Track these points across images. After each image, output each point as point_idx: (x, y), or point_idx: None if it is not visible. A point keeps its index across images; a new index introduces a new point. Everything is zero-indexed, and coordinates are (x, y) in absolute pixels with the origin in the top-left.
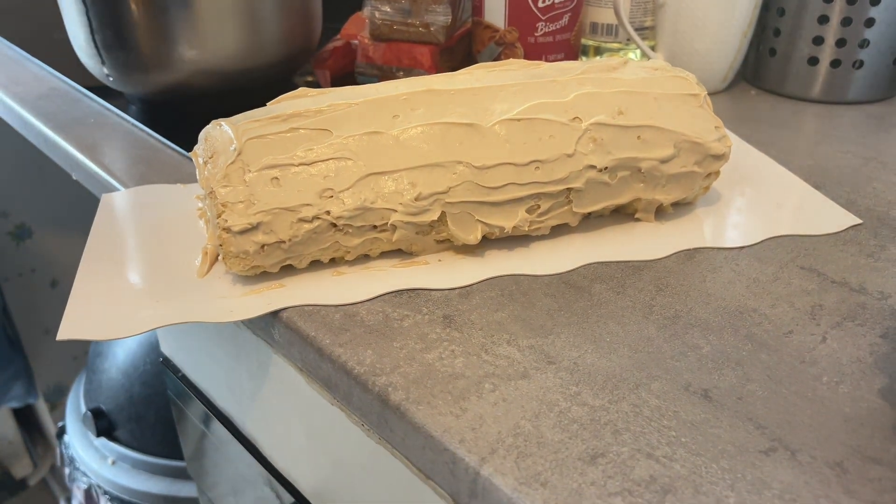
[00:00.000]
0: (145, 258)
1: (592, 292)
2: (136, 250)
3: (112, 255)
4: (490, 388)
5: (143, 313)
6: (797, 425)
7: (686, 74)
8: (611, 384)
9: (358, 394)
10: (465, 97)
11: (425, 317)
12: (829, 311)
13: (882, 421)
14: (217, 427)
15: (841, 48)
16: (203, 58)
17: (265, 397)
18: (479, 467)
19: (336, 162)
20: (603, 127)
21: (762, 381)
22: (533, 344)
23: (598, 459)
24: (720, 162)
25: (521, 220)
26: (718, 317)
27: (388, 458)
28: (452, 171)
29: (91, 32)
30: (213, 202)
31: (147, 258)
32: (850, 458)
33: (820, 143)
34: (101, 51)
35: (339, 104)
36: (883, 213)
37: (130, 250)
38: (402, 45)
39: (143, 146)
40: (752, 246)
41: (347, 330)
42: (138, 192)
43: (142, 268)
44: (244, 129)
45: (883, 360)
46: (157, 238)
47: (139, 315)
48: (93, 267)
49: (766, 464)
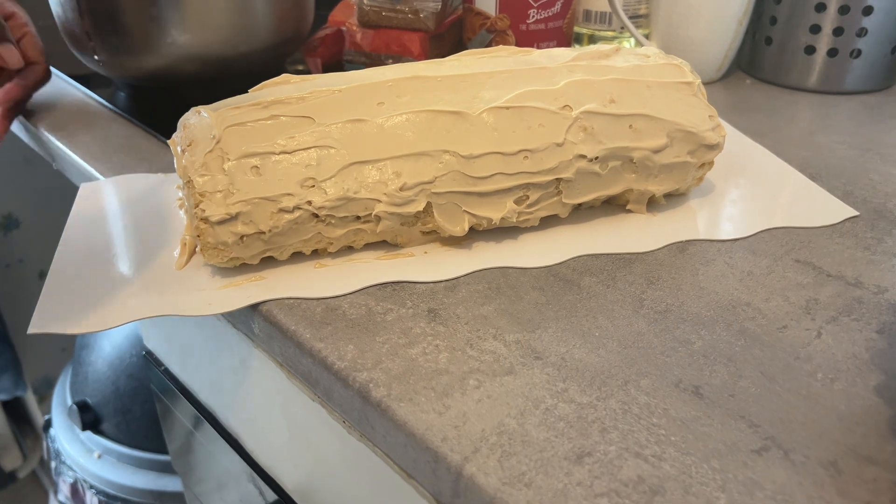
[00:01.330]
0: (123, 250)
1: (582, 285)
2: (114, 242)
3: (88, 247)
4: (475, 384)
5: (118, 306)
6: (790, 423)
7: (680, 62)
8: (599, 380)
9: (338, 390)
10: (453, 84)
11: (409, 310)
12: (824, 305)
13: (877, 419)
14: (200, 423)
15: (838, 37)
16: (194, 42)
17: (247, 392)
18: (461, 466)
19: (318, 150)
20: (594, 115)
21: (755, 378)
22: (520, 339)
23: (585, 459)
24: (714, 152)
25: (510, 211)
26: (711, 311)
27: (370, 456)
28: (439, 160)
29: (80, 17)
30: (190, 192)
31: (124, 250)
32: (844, 458)
33: (816, 133)
34: (90, 36)
35: (322, 91)
36: (880, 205)
37: (107, 242)
38: (390, 32)
39: (125, 135)
40: (747, 238)
41: (329, 324)
42: (118, 182)
43: (118, 260)
44: (223, 116)
45: (879, 356)
46: (136, 229)
47: (114, 308)
48: (68, 258)
49: (758, 463)
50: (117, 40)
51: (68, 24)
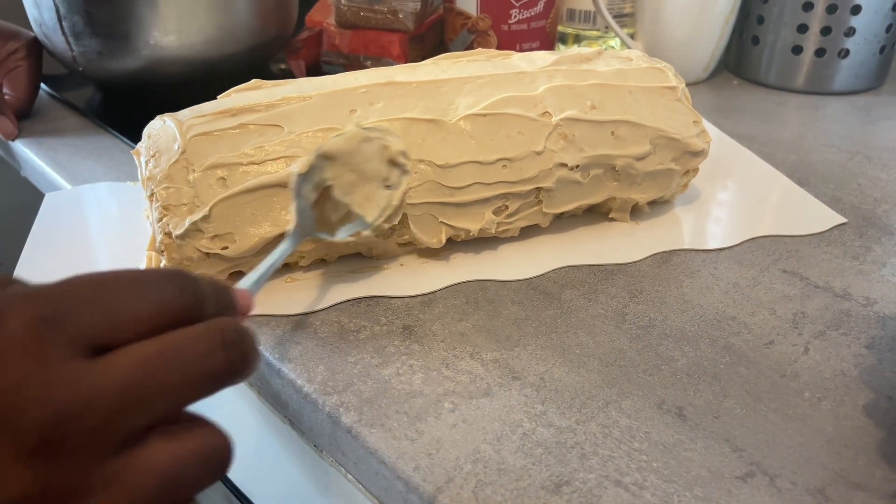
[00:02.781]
0: (87, 261)
1: (563, 299)
2: (78, 253)
3: (52, 259)
4: (450, 407)
5: None
6: (777, 447)
7: (663, 65)
8: (579, 402)
9: (308, 413)
10: (428, 90)
11: (384, 328)
12: (811, 318)
13: (867, 441)
14: None
15: (826, 36)
16: (177, 44)
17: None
18: (433, 498)
19: (288, 161)
20: (574, 122)
21: (740, 398)
22: (497, 357)
23: (563, 488)
24: (699, 158)
25: (488, 221)
26: (695, 326)
27: (342, 482)
28: (414, 169)
29: (59, 19)
30: (154, 204)
31: (89, 261)
32: (832, 484)
33: (804, 136)
34: (69, 38)
35: (293, 98)
36: (868, 212)
37: (72, 253)
38: (369, 33)
39: (96, 141)
40: (732, 248)
41: (298, 343)
42: (85, 191)
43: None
44: (189, 125)
45: (868, 373)
46: (101, 240)
47: None
48: (30, 271)
49: (742, 491)
50: (97, 42)
51: (45, 27)
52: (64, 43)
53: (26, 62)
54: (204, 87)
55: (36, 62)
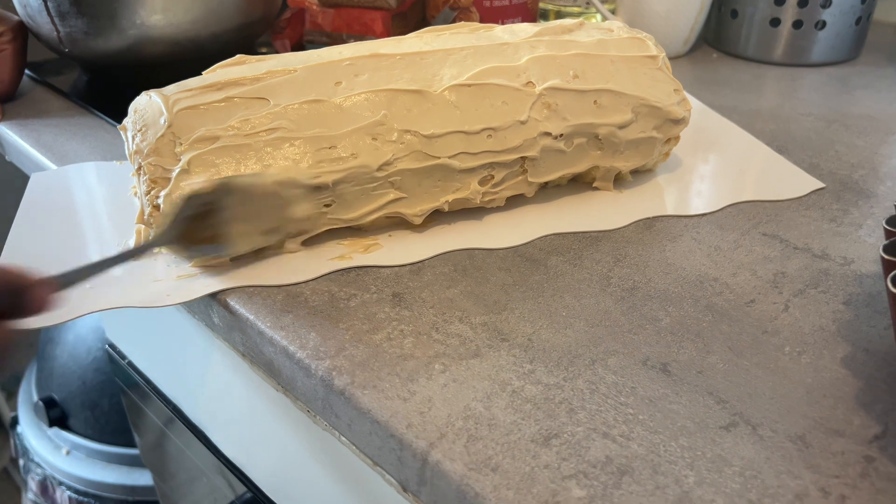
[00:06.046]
0: (75, 240)
1: (549, 265)
2: (66, 232)
3: (40, 238)
4: (440, 368)
5: (73, 299)
6: (758, 398)
7: (644, 36)
8: (566, 360)
9: (301, 379)
10: (413, 62)
11: (374, 295)
12: (791, 278)
13: (845, 391)
14: (167, 416)
15: (803, 8)
16: (163, 23)
17: (210, 383)
18: (426, 453)
19: (273, 132)
20: (557, 91)
21: (723, 354)
22: (486, 321)
23: (552, 441)
24: (680, 126)
25: (474, 191)
26: (678, 287)
27: (336, 445)
28: (399, 140)
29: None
30: (142, 178)
31: (77, 240)
32: (812, 432)
33: (783, 106)
34: (55, 18)
35: (278, 71)
36: (846, 177)
37: (60, 232)
38: (352, 11)
39: (80, 122)
40: (714, 213)
41: (290, 311)
42: (70, 171)
43: (71, 250)
44: (175, 99)
45: (846, 327)
46: (89, 218)
47: (69, 301)
48: (18, 252)
49: (726, 440)
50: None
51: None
52: (49, 24)
53: (11, 46)
54: (190, 66)
55: (21, 46)
